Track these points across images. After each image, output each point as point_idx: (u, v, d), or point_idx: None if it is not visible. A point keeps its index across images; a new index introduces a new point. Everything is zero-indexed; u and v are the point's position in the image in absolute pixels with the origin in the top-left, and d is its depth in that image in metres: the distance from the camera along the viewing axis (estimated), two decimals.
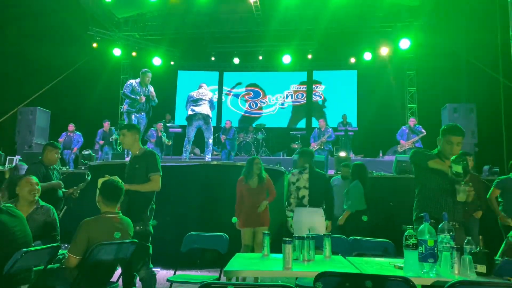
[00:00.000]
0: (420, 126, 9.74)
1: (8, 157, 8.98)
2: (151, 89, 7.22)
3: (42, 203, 3.61)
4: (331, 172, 8.78)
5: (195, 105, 7.35)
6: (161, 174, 3.64)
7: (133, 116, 7.01)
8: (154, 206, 3.70)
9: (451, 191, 2.98)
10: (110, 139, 10.27)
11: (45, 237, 3.45)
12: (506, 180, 5.33)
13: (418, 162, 3.13)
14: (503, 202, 5.32)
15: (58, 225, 3.66)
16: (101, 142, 10.28)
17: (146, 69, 7.22)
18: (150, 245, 3.59)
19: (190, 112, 7.33)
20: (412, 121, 9.92)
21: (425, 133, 9.41)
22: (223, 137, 10.28)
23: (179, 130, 11.53)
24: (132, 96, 7.01)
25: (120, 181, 3.25)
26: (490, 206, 5.35)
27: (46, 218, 3.54)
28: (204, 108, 7.33)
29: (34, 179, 3.63)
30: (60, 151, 4.82)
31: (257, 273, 2.54)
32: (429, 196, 3.08)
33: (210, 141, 7.42)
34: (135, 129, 3.84)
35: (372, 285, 1.90)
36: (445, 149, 3.08)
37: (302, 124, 13.83)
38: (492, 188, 5.38)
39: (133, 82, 7.12)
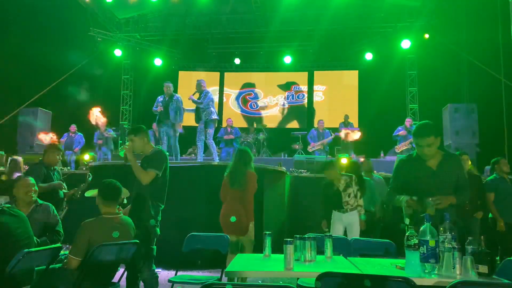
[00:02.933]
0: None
1: (10, 157, 8.98)
2: (176, 97, 7.49)
3: (40, 201, 3.61)
4: None
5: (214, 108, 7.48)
6: (159, 174, 3.57)
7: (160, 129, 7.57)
8: (162, 207, 3.68)
9: (435, 193, 2.86)
10: (105, 134, 10.13)
11: (50, 233, 3.46)
12: (494, 181, 5.28)
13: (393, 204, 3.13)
14: (495, 204, 5.27)
15: (60, 222, 3.67)
16: (100, 141, 10.26)
17: (167, 81, 7.64)
18: (155, 247, 3.57)
19: (215, 117, 7.38)
20: (408, 121, 9.90)
21: None
22: (221, 141, 10.36)
23: (180, 131, 11.49)
24: (155, 109, 7.50)
25: (121, 186, 3.24)
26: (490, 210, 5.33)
27: (47, 215, 3.55)
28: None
29: (31, 180, 3.59)
30: (61, 153, 4.83)
31: (258, 274, 2.53)
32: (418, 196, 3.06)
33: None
34: (141, 131, 3.73)
35: (374, 285, 1.90)
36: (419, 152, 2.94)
37: (303, 124, 13.81)
38: (486, 193, 5.31)
39: (160, 97, 7.53)
